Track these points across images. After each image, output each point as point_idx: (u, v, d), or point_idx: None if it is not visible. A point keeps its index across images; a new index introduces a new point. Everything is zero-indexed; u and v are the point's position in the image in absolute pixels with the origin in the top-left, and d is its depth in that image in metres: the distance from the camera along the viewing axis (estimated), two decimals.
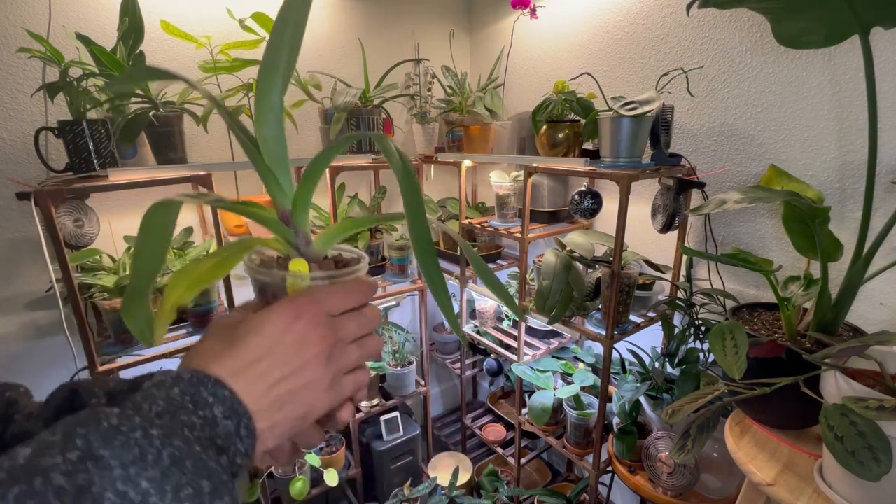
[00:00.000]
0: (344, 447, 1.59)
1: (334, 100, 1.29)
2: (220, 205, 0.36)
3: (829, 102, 0.95)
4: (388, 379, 1.68)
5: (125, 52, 1.02)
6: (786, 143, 1.03)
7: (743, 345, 0.71)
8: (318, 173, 0.36)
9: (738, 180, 1.13)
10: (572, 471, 1.84)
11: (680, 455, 0.67)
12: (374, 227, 1.56)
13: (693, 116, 1.19)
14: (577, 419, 1.32)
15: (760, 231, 1.11)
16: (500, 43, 1.71)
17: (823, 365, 0.66)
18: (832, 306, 0.77)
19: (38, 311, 1.22)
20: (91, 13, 1.17)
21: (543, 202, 1.45)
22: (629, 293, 1.11)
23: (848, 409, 0.57)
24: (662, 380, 1.14)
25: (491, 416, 1.95)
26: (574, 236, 1.16)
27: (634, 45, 1.29)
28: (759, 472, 0.74)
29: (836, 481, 0.66)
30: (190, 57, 1.28)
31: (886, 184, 0.89)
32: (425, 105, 1.72)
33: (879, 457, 0.52)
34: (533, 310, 1.31)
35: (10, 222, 1.15)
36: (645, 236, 1.35)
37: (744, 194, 0.72)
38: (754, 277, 1.13)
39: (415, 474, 1.77)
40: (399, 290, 1.59)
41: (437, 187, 1.93)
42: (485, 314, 1.72)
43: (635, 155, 1.01)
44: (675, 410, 0.71)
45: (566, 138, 1.18)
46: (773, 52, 1.01)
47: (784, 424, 0.83)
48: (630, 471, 1.14)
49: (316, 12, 1.50)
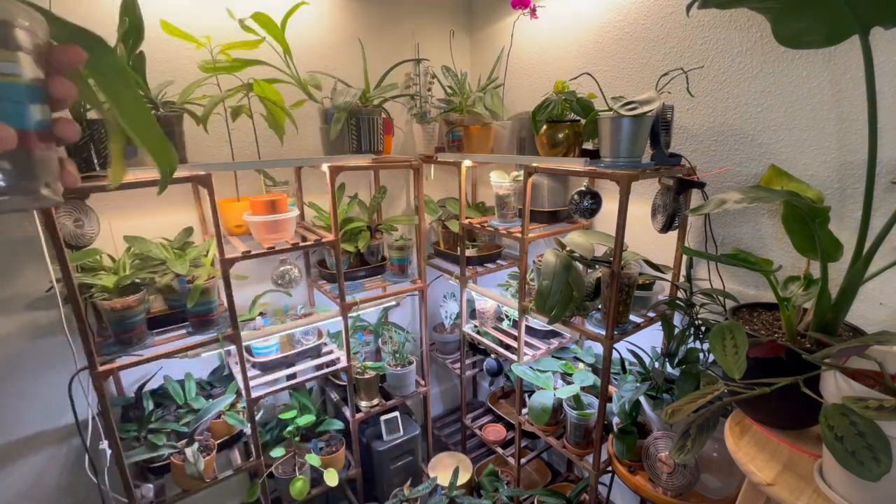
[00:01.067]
0: (344, 447, 1.60)
1: (334, 100, 1.29)
2: None
3: (829, 102, 0.95)
4: (388, 379, 1.68)
5: (125, 52, 1.02)
6: (786, 143, 1.03)
7: (743, 345, 0.71)
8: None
9: (738, 180, 1.13)
10: (572, 471, 1.84)
11: (680, 455, 0.67)
12: (374, 227, 1.56)
13: (693, 116, 1.19)
14: (577, 419, 1.32)
15: (760, 231, 1.11)
16: (500, 43, 1.71)
17: (823, 365, 0.66)
18: (832, 306, 0.77)
19: (38, 311, 1.22)
20: (91, 13, 1.17)
21: (543, 202, 1.46)
22: (629, 293, 1.11)
23: (848, 408, 0.57)
24: (662, 380, 1.14)
25: (491, 416, 1.95)
26: (574, 236, 1.16)
27: (634, 45, 1.29)
28: (759, 472, 0.74)
29: (836, 481, 0.66)
30: (190, 57, 1.28)
31: (886, 184, 0.89)
32: (425, 105, 1.72)
33: (879, 457, 0.52)
34: (533, 310, 1.31)
35: (10, 222, 1.15)
36: (645, 236, 1.35)
37: (744, 194, 0.72)
38: (754, 277, 1.13)
39: (415, 474, 1.77)
40: (399, 290, 1.59)
41: (437, 187, 1.93)
42: (485, 314, 1.72)
43: (635, 155, 1.01)
44: (675, 410, 0.71)
45: (566, 138, 1.18)
46: (773, 52, 1.01)
47: (784, 424, 0.83)
48: (630, 471, 1.14)
49: (316, 12, 1.50)
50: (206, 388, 1.44)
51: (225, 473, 1.34)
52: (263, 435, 1.55)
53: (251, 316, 1.44)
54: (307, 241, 1.34)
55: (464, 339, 1.76)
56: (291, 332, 1.47)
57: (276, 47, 1.20)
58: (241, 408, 1.39)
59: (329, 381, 1.75)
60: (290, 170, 1.55)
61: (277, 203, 1.27)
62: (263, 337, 1.36)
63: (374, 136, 1.37)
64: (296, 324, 1.43)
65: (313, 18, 1.50)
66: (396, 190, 1.83)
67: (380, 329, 1.76)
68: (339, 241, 1.37)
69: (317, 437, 1.59)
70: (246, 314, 1.45)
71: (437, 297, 1.99)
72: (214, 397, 1.37)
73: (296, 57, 1.24)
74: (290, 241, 1.31)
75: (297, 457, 1.51)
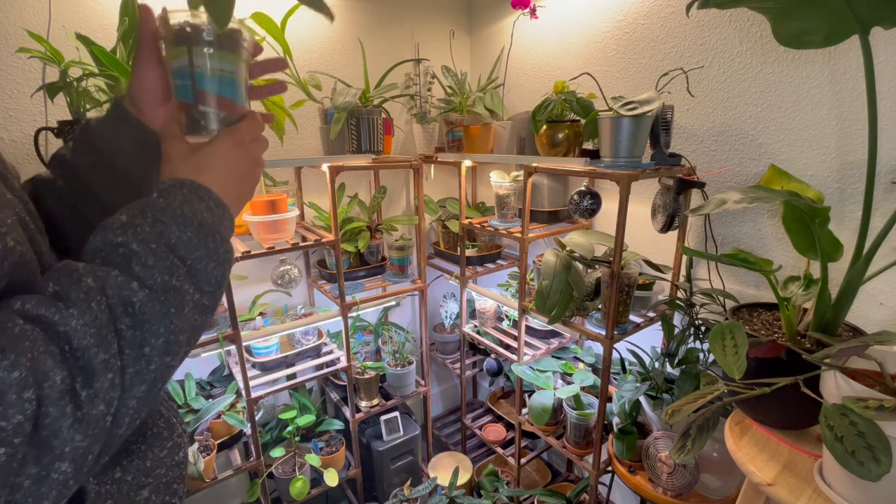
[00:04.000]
0: (344, 447, 1.60)
1: (334, 100, 1.29)
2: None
3: (829, 102, 0.95)
4: (388, 379, 1.68)
5: (125, 52, 1.02)
6: (786, 143, 1.03)
7: (743, 345, 0.71)
8: None
9: (738, 180, 1.13)
10: (572, 471, 1.84)
11: (680, 455, 0.67)
12: (374, 227, 1.56)
13: (693, 116, 1.19)
14: (577, 419, 1.32)
15: (760, 231, 1.11)
16: (500, 43, 1.71)
17: (823, 365, 0.66)
18: (832, 306, 0.77)
19: None
20: (91, 13, 1.17)
21: (543, 202, 1.46)
22: (629, 293, 1.11)
23: (848, 409, 0.57)
24: (662, 380, 1.14)
25: (491, 416, 1.95)
26: (574, 236, 1.16)
27: (634, 45, 1.29)
28: (758, 472, 0.74)
29: (836, 481, 0.66)
30: None
31: (886, 184, 0.89)
32: (425, 105, 1.72)
33: (879, 457, 0.52)
34: (533, 310, 1.31)
35: None
36: (645, 236, 1.35)
37: (744, 194, 0.72)
38: (754, 277, 1.13)
39: (415, 474, 1.77)
40: (399, 290, 1.59)
41: (437, 187, 1.93)
42: (485, 314, 1.72)
43: (635, 155, 1.01)
44: (675, 410, 0.71)
45: (566, 138, 1.18)
46: (773, 52, 1.01)
47: (784, 424, 0.83)
48: (630, 471, 1.14)
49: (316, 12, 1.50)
50: (205, 388, 1.44)
51: (225, 473, 1.34)
52: (263, 435, 1.55)
53: (251, 316, 1.44)
54: (307, 241, 1.34)
55: (464, 339, 1.76)
56: (291, 332, 1.47)
57: (276, 47, 1.20)
58: (241, 408, 1.39)
59: (329, 381, 1.75)
60: (290, 170, 1.55)
61: (277, 203, 1.27)
62: (263, 337, 1.36)
63: (374, 136, 1.37)
64: (296, 324, 1.43)
65: (313, 18, 1.50)
66: (396, 190, 1.83)
67: (380, 329, 1.76)
68: (339, 241, 1.37)
69: (317, 437, 1.59)
70: (246, 314, 1.45)
71: (437, 297, 1.99)
72: (214, 397, 1.37)
73: (296, 57, 1.24)
74: (290, 241, 1.31)
75: (296, 457, 1.51)
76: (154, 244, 0.38)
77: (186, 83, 0.47)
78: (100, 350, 0.32)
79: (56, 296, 0.33)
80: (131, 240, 0.37)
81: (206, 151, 0.47)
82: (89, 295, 0.33)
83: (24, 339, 0.30)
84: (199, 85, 0.47)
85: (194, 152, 0.47)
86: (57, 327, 0.31)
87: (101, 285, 0.34)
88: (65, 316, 0.32)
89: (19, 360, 0.28)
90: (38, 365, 0.29)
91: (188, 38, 0.46)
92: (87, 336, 0.32)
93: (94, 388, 0.32)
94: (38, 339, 0.30)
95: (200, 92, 0.47)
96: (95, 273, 0.35)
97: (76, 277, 0.34)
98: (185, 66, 0.46)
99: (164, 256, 0.38)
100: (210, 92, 0.48)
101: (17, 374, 0.28)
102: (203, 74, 0.47)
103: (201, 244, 0.41)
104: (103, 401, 0.33)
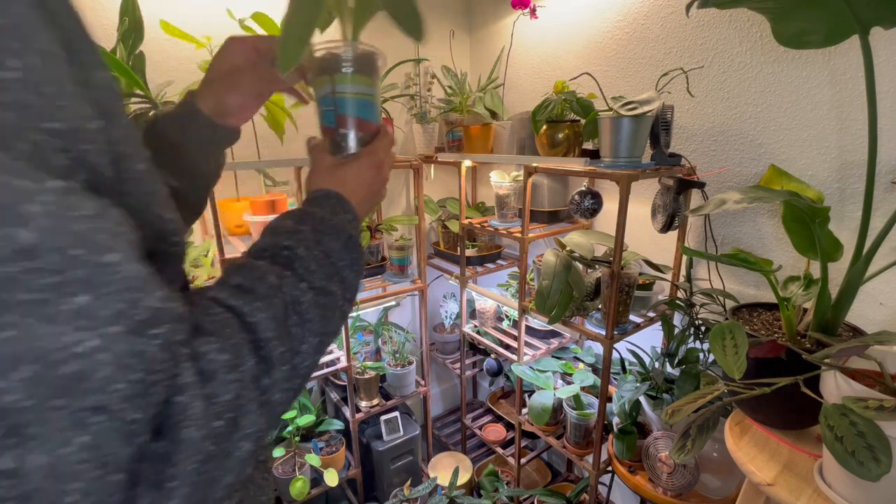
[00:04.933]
0: (344, 447, 1.60)
1: None
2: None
3: (829, 102, 0.95)
4: (388, 379, 1.68)
5: (125, 52, 1.02)
6: (786, 143, 1.03)
7: (743, 345, 0.71)
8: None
9: (738, 180, 1.13)
10: (572, 471, 1.84)
11: (680, 455, 0.67)
12: (374, 227, 1.56)
13: (693, 116, 1.19)
14: (577, 419, 1.32)
15: (760, 231, 1.11)
16: (500, 43, 1.71)
17: (823, 365, 0.66)
18: (832, 306, 0.77)
19: None
20: (91, 13, 1.17)
21: (543, 202, 1.46)
22: (629, 293, 1.11)
23: (848, 409, 0.57)
24: (662, 380, 1.14)
25: (491, 416, 1.95)
26: (574, 236, 1.16)
27: (634, 45, 1.29)
28: (758, 472, 0.74)
29: (835, 481, 0.66)
30: (190, 57, 1.28)
31: (886, 184, 0.89)
32: (425, 105, 1.72)
33: (879, 457, 0.52)
34: (533, 310, 1.31)
35: None
36: (645, 236, 1.35)
37: (744, 194, 0.72)
38: (754, 277, 1.13)
39: (415, 474, 1.77)
40: (399, 290, 1.59)
41: (437, 187, 1.93)
42: (485, 314, 1.72)
43: (635, 155, 1.01)
44: (675, 410, 0.71)
45: (566, 138, 1.18)
46: (773, 52, 1.01)
47: (784, 424, 0.83)
48: (630, 471, 1.14)
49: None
50: None
51: None
52: None
53: None
54: None
55: (464, 339, 1.76)
56: None
57: None
58: None
59: (329, 381, 1.75)
60: (290, 170, 1.55)
61: (277, 203, 1.27)
62: None
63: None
64: None
65: None
66: (396, 190, 1.83)
67: (380, 329, 1.76)
68: None
69: (317, 437, 1.59)
70: None
71: (437, 297, 1.99)
72: None
73: None
74: None
75: (296, 457, 1.51)
76: (316, 251, 0.41)
77: (329, 109, 0.51)
78: (279, 343, 0.35)
79: (240, 288, 0.36)
80: (297, 244, 0.41)
81: (348, 167, 0.51)
82: (272, 291, 0.37)
83: (227, 326, 0.33)
84: (341, 110, 0.51)
85: (339, 166, 0.52)
86: (247, 318, 0.34)
87: (280, 283, 0.37)
88: (253, 308, 0.35)
89: (226, 345, 0.32)
90: (238, 350, 0.33)
91: (330, 67, 0.50)
92: (270, 329, 0.35)
93: (273, 377, 0.35)
94: (235, 327, 0.34)
95: (341, 117, 0.51)
96: (276, 272, 0.38)
97: (261, 274, 0.37)
98: (328, 93, 0.51)
99: (324, 262, 0.42)
100: (350, 116, 0.52)
101: (225, 358, 0.31)
102: (344, 100, 0.51)
103: (347, 254, 0.44)
104: (279, 390, 0.35)
